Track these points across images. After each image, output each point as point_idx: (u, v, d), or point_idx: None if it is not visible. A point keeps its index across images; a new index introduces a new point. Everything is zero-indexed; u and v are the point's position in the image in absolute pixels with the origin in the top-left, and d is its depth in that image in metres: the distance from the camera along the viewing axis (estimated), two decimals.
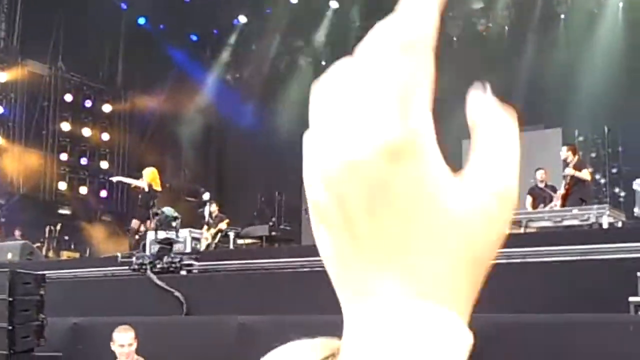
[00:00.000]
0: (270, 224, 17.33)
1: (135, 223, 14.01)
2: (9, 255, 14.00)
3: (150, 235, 12.52)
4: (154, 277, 10.20)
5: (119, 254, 12.39)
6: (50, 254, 17.97)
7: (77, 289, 10.92)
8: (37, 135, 21.74)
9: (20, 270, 9.24)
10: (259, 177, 21.60)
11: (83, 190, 22.48)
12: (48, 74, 22.33)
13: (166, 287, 9.96)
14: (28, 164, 21.23)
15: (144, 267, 10.59)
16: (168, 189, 22.72)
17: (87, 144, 22.80)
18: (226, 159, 24.02)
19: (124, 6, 23.29)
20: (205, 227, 16.05)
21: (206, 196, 19.07)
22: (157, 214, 12.46)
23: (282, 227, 17.45)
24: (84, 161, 22.59)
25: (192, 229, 14.58)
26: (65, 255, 18.43)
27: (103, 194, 22.94)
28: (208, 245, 15.29)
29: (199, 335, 8.70)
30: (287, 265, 9.82)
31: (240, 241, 16.39)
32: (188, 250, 13.61)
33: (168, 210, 12.33)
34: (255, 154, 21.91)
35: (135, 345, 7.53)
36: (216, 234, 15.99)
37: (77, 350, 9.15)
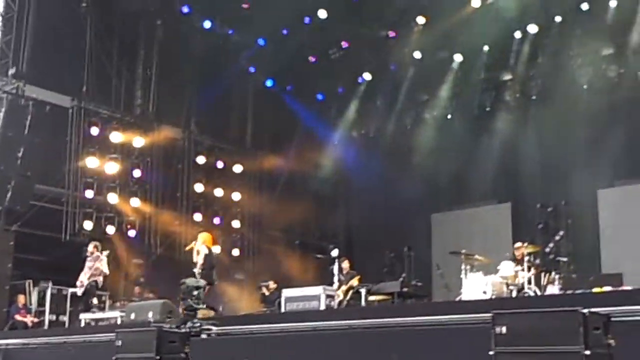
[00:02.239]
0: (401, 279, 17.14)
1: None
2: (150, 314, 14.39)
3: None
4: None
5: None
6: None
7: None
8: (172, 196, 22.46)
9: (167, 329, 9.53)
10: (387, 232, 21.48)
11: (216, 249, 22.90)
12: (182, 137, 23.14)
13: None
14: (164, 225, 21.91)
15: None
16: (297, 246, 22.96)
17: (219, 204, 23.36)
18: (354, 215, 24.05)
19: (252, 69, 23.98)
20: (337, 284, 16.04)
21: (334, 253, 19.11)
22: (182, 284, 13.17)
23: (413, 283, 17.23)
24: (216, 221, 23.10)
25: (327, 287, 14.59)
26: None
27: (235, 252, 23.38)
28: (340, 303, 15.24)
29: None
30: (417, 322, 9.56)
31: (371, 298, 16.26)
32: (322, 307, 13.63)
33: (190, 281, 13.17)
34: (382, 209, 21.85)
35: None
36: (347, 290, 15.95)
37: None
